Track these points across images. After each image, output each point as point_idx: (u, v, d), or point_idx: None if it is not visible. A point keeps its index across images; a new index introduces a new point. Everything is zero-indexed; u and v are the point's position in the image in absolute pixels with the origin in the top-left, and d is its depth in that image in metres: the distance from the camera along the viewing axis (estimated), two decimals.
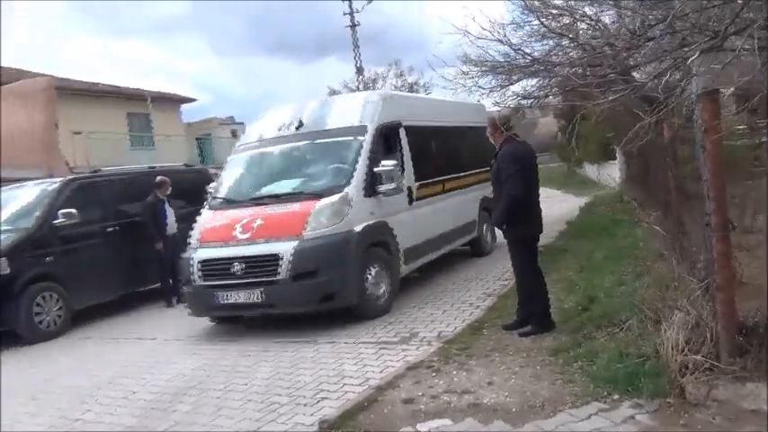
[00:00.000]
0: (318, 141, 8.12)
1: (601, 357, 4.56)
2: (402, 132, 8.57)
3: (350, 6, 35.56)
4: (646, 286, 5.50)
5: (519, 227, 5.63)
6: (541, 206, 5.89)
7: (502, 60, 13.04)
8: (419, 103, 10.97)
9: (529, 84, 15.21)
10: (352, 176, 7.41)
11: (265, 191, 7.88)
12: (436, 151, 9.67)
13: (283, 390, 5.13)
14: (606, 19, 12.82)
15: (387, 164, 7.53)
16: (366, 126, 7.90)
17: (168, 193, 9.82)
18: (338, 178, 7.52)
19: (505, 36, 12.61)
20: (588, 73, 13.14)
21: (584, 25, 12.89)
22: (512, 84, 14.03)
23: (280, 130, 8.47)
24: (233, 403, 4.98)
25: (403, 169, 8.27)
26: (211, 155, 26.75)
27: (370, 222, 7.36)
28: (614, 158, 22.60)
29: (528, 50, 12.84)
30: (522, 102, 15.79)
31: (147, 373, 6.21)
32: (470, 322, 6.46)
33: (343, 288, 6.89)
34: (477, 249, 10.81)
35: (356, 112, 8.16)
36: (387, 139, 8.23)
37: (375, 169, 7.52)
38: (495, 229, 8.88)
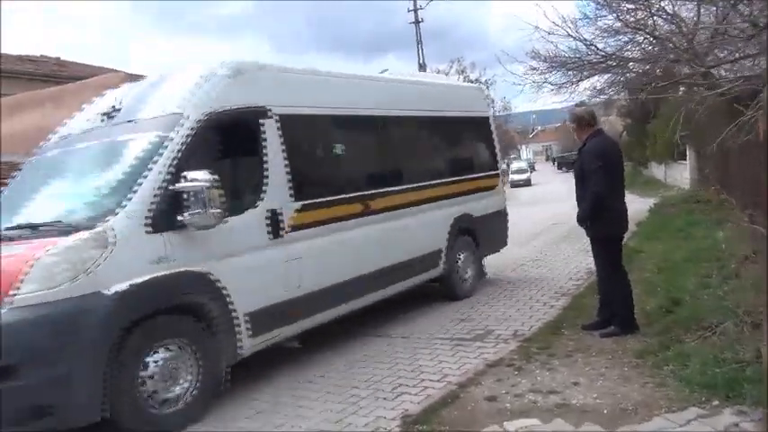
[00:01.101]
0: (108, 140, 5.32)
1: (693, 361, 4.38)
2: (269, 125, 5.55)
3: (414, 2, 35.41)
4: (740, 289, 5.26)
5: (603, 225, 5.46)
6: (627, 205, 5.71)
7: (572, 56, 12.85)
8: (317, 80, 6.36)
9: (600, 80, 14.96)
10: (126, 199, 4.58)
11: (17, 219, 5.01)
12: (355, 154, 6.64)
13: (361, 383, 5.12)
14: (684, 13, 12.43)
15: (196, 177, 4.64)
16: (181, 115, 5.02)
17: None
18: (104, 202, 4.72)
19: (577, 31, 12.45)
20: (662, 71, 12.74)
21: (660, 20, 12.55)
22: (582, 80, 13.83)
23: (89, 120, 5.73)
24: (311, 395, 4.99)
25: (263, 182, 5.41)
26: None
27: (153, 276, 4.49)
28: (683, 158, 21.89)
29: (600, 46, 12.64)
30: (594, 98, 15.57)
31: None
32: (547, 321, 6.33)
33: (67, 398, 4.10)
34: (447, 289, 7.84)
35: (180, 93, 5.28)
36: (233, 137, 5.29)
37: (175, 186, 4.69)
38: (484, 266, 8.68)
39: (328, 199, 6.02)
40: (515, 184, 42.62)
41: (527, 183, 43.73)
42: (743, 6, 9.45)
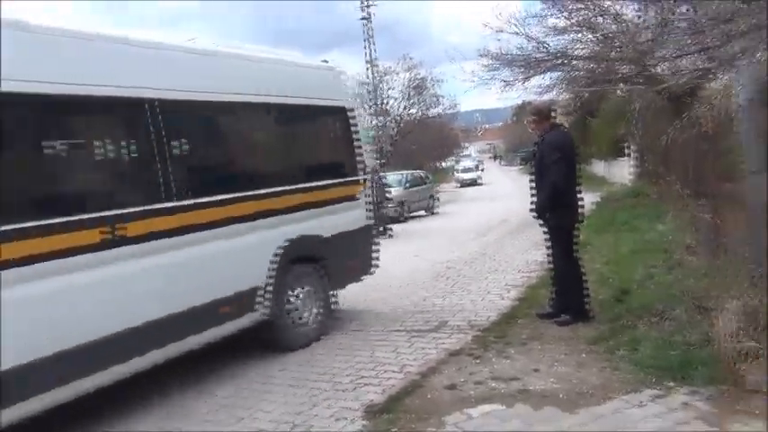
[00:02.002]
0: None
1: (645, 345, 4.55)
2: None
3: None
4: (686, 277, 5.48)
5: (561, 215, 5.60)
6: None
7: (521, 54, 13.11)
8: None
9: (547, 78, 15.30)
10: None
11: None
12: (96, 154, 4.37)
13: (321, 376, 5.09)
14: (628, 13, 12.82)
15: None
16: None
17: None
18: None
19: (525, 29, 12.71)
20: (606, 69, 13.11)
21: (603, 19, 12.91)
22: (530, 77, 14.12)
23: None
24: (274, 388, 4.94)
25: None
26: None
27: None
28: (624, 155, 22.59)
29: (548, 44, 12.94)
30: (541, 96, 15.90)
31: None
32: (502, 312, 6.44)
33: None
34: (273, 338, 5.81)
35: None
36: None
37: None
38: (333, 300, 6.46)
39: (43, 224, 3.88)
40: (464, 184, 42.24)
41: (475, 182, 43.17)
42: (683, 7, 9.86)
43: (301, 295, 6.03)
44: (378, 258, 7.14)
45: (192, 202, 4.90)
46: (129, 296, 4.42)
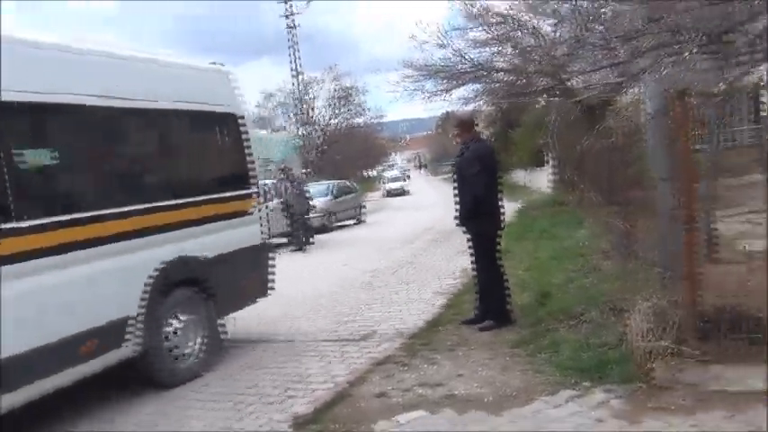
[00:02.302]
0: None
1: (564, 348, 4.72)
2: None
3: (289, 8, 35.32)
4: (601, 280, 5.73)
5: (483, 222, 5.75)
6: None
7: (445, 65, 13.43)
8: None
9: (469, 89, 15.71)
10: None
11: None
12: None
13: (247, 389, 5.01)
14: (545, 28, 13.35)
15: None
16: None
17: None
18: None
19: (449, 42, 13.03)
20: (525, 81, 13.60)
21: (524, 33, 13.39)
22: (454, 88, 14.47)
23: None
24: (196, 404, 4.83)
25: None
26: None
27: None
28: (543, 164, 23.41)
29: (471, 56, 13.31)
30: (464, 107, 16.29)
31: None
32: (428, 319, 6.53)
33: None
34: (149, 374, 5.17)
35: None
36: None
37: None
38: (221, 328, 5.83)
39: None
40: (391, 194, 41.74)
41: (402, 192, 42.68)
42: (597, 24, 10.35)
43: (182, 326, 5.38)
44: (274, 280, 6.45)
45: (40, 222, 4.18)
46: None
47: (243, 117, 6.38)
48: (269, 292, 6.45)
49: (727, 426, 3.26)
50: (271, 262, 6.49)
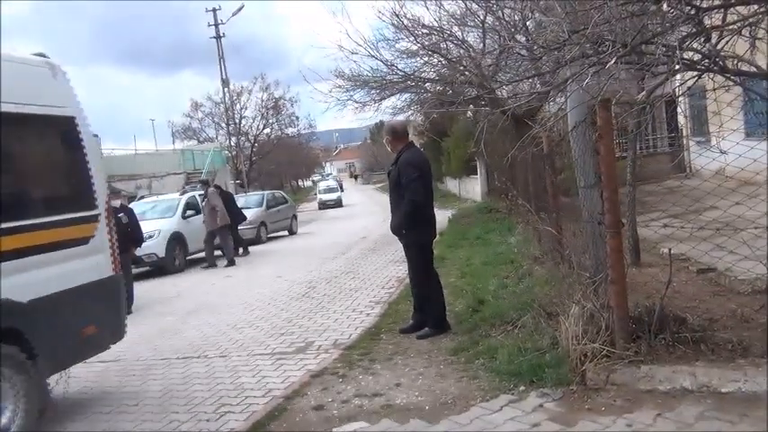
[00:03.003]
0: None
1: (500, 353, 4.76)
2: None
3: (215, 17, 34.78)
4: (534, 286, 5.85)
5: (418, 231, 5.77)
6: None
7: (374, 75, 13.51)
8: None
9: (400, 99, 15.86)
10: None
11: None
12: None
13: (180, 407, 4.85)
14: (471, 39, 13.62)
15: None
16: None
17: None
18: None
19: (378, 52, 13.13)
20: (454, 92, 13.83)
21: (452, 45, 13.63)
22: (384, 98, 14.57)
23: None
24: (126, 425, 4.63)
25: None
26: None
27: None
28: (475, 173, 23.85)
29: (400, 67, 13.44)
30: (395, 117, 16.42)
31: None
32: (365, 329, 6.51)
33: None
34: None
35: None
36: None
37: None
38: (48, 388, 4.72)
39: None
40: (326, 205, 39.42)
41: (338, 203, 39.81)
42: (520, 36, 10.67)
43: None
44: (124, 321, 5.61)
45: None
46: None
47: (83, 119, 5.22)
48: (123, 334, 5.55)
49: (660, 424, 3.36)
50: (123, 297, 5.60)
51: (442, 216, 17.55)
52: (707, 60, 3.79)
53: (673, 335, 4.02)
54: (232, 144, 40.55)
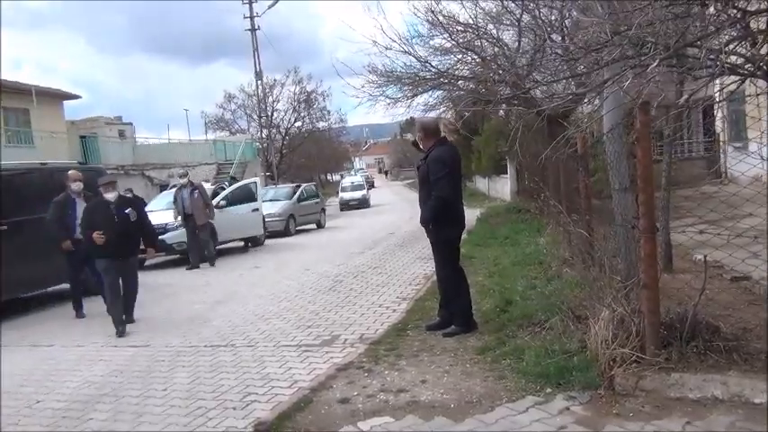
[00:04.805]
0: None
1: (528, 354, 4.73)
2: None
3: (251, 9, 35.07)
4: (563, 288, 5.80)
5: (445, 227, 5.76)
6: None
7: (408, 72, 13.46)
8: None
9: (432, 96, 15.80)
10: None
11: None
12: None
13: (207, 394, 4.91)
14: (506, 38, 13.51)
15: None
16: None
17: (80, 189, 8.78)
18: None
19: (412, 48, 13.08)
20: (487, 90, 13.70)
21: (486, 43, 13.52)
22: (416, 95, 14.52)
23: None
24: (154, 409, 4.71)
25: None
26: (97, 154, 25.27)
27: None
28: (505, 172, 23.68)
29: (434, 64, 13.37)
30: (427, 114, 16.38)
31: (48, 381, 5.75)
32: (391, 324, 6.52)
33: None
34: None
35: None
36: None
37: None
38: None
39: None
40: (348, 206, 33.77)
41: (363, 204, 34.25)
42: (556, 36, 10.54)
43: None
44: None
45: None
46: None
47: None
48: None
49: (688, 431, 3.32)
50: None
51: (470, 215, 17.50)
52: (750, 65, 3.71)
53: (705, 343, 3.95)
54: (263, 136, 40.88)
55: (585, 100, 9.65)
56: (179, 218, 13.73)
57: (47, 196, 8.89)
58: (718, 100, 7.20)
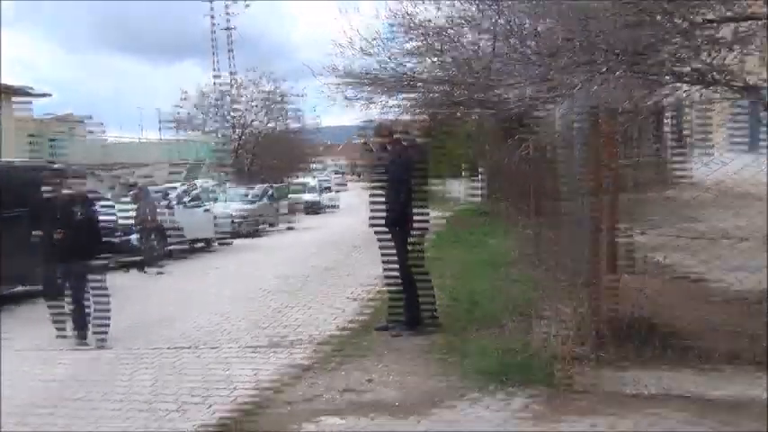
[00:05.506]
0: None
1: (487, 353, 4.80)
2: None
3: (225, 9, 34.91)
4: (523, 288, 5.90)
5: (407, 228, 5.82)
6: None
7: (382, 73, 13.52)
8: None
9: (407, 98, 15.90)
10: None
11: None
12: None
13: (169, 396, 4.89)
14: (474, 41, 13.63)
15: None
16: None
17: None
18: None
19: (387, 50, 13.14)
20: (455, 91, 13.82)
21: (459, 46, 13.61)
22: (391, 96, 14.58)
23: None
24: (114, 413, 4.65)
25: None
26: (64, 153, 24.74)
27: None
28: (473, 175, 23.86)
29: (407, 65, 13.45)
30: (399, 115, 16.47)
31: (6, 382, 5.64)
32: (344, 325, 6.56)
33: None
34: None
35: None
36: None
37: None
38: None
39: None
40: (311, 209, 31.28)
41: (315, 207, 32.13)
42: (530, 40, 10.68)
43: None
44: None
45: None
46: None
47: None
48: None
49: (643, 427, 3.40)
50: None
51: (437, 217, 17.62)
52: (699, 74, 3.84)
53: (660, 341, 4.08)
54: (234, 136, 40.46)
55: (551, 104, 9.81)
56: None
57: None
58: (678, 107, 7.39)
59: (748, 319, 4.67)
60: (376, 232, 6.01)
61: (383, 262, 6.11)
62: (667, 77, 3.51)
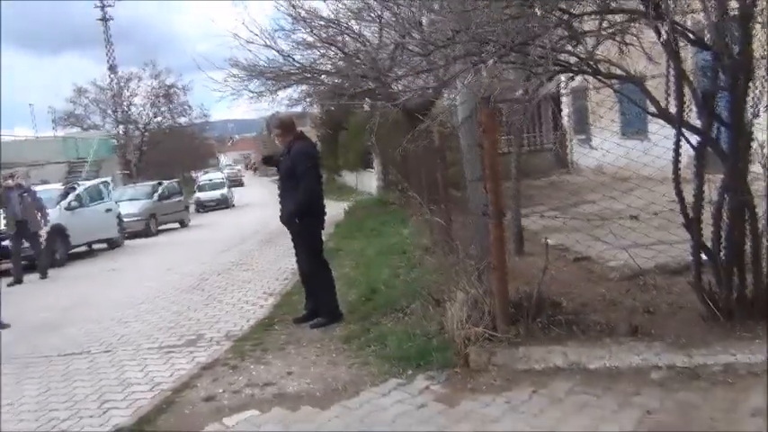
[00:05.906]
0: None
1: (390, 340, 4.90)
2: None
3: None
4: (424, 275, 6.04)
5: (310, 221, 5.82)
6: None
7: (271, 66, 13.34)
8: None
9: (296, 91, 15.75)
10: None
11: None
12: None
13: (60, 404, 4.65)
14: (368, 34, 13.76)
15: None
16: None
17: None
18: None
19: (275, 42, 12.97)
20: (351, 85, 13.91)
21: (348, 38, 13.70)
22: (280, 89, 14.41)
23: None
24: (3, 425, 4.38)
25: None
26: None
27: None
28: (371, 166, 24.11)
29: (297, 58, 13.34)
30: (291, 108, 16.31)
31: None
32: (258, 320, 6.48)
33: None
34: None
35: None
36: None
37: None
38: None
39: None
40: (203, 207, 30.82)
41: (222, 204, 31.35)
42: (416, 32, 10.90)
43: None
44: None
45: None
46: None
47: None
48: None
49: (535, 400, 3.60)
50: None
51: (338, 208, 17.67)
52: (580, 63, 4.08)
53: (548, 318, 4.30)
54: (120, 132, 38.67)
55: (441, 94, 10.08)
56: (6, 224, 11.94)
57: None
58: (560, 95, 7.80)
59: (625, 294, 5.03)
60: (286, 225, 5.97)
61: (296, 255, 6.10)
62: (553, 68, 3.70)
